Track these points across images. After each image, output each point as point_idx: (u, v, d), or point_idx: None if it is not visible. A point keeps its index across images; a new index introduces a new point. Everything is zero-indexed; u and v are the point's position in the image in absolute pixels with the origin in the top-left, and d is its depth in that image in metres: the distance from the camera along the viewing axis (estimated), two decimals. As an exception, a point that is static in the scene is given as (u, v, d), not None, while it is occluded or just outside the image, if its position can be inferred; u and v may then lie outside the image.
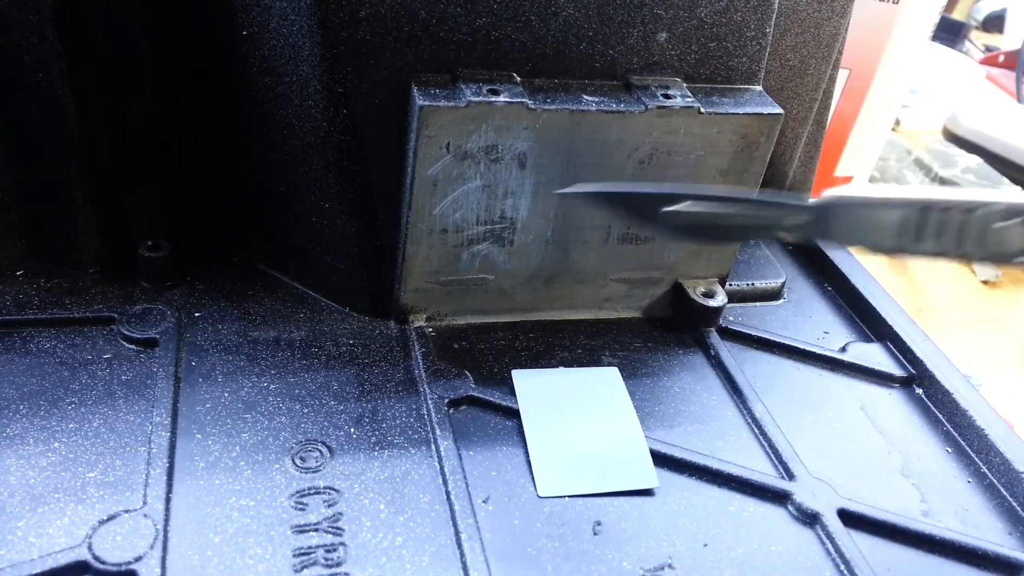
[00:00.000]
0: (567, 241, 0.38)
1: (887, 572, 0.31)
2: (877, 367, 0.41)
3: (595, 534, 0.31)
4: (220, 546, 0.28)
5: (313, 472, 0.31)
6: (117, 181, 0.39)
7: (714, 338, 0.41)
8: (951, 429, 0.38)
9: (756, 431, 0.36)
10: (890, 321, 0.43)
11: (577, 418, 0.35)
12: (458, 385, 0.36)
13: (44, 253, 0.39)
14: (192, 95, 0.39)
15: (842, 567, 0.31)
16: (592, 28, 0.35)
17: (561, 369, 0.38)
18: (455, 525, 0.30)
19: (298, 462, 0.32)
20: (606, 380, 0.37)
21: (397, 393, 0.35)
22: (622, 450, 0.34)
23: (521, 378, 0.36)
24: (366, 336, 0.38)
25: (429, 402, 0.35)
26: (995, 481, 0.36)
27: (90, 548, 0.27)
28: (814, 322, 0.44)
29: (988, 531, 0.34)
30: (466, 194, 0.36)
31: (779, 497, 0.33)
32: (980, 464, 0.37)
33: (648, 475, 0.33)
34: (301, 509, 0.30)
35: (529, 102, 0.34)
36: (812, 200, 0.29)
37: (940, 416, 0.39)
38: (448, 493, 0.31)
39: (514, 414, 0.35)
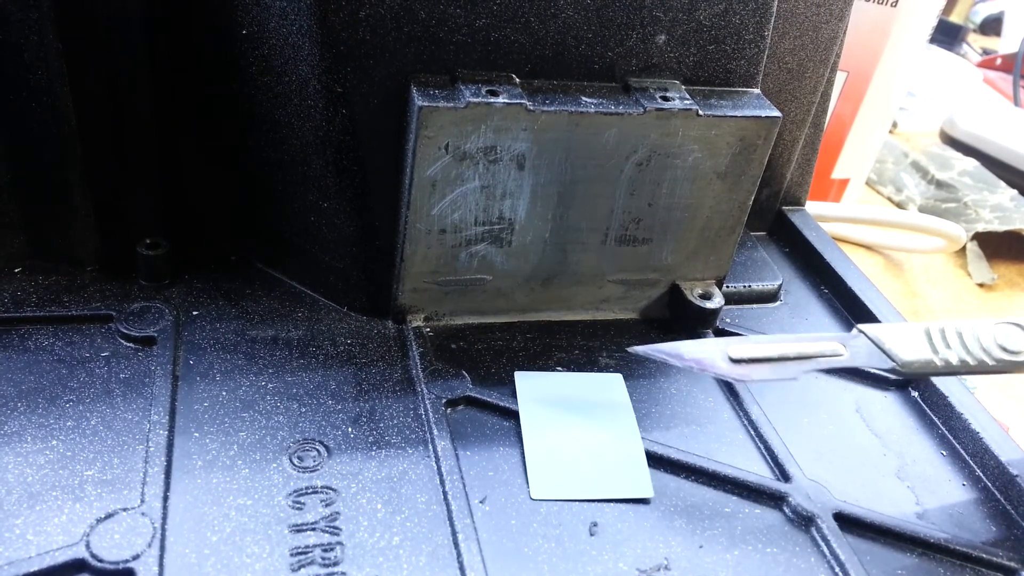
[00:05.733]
0: (565, 242, 0.39)
1: (882, 575, 0.31)
2: (873, 370, 0.41)
3: (591, 535, 0.31)
4: (217, 545, 0.28)
5: (311, 471, 0.31)
6: (116, 179, 0.39)
7: (711, 340, 0.41)
8: (946, 432, 0.39)
9: (752, 433, 0.36)
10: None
11: (577, 422, 0.35)
12: (456, 385, 0.36)
13: (42, 250, 0.39)
14: (191, 94, 0.39)
15: (837, 570, 0.31)
16: (591, 30, 0.35)
17: (564, 373, 0.38)
18: (452, 525, 0.30)
19: (296, 461, 0.32)
20: (609, 386, 0.37)
21: (395, 393, 0.35)
22: (620, 458, 0.34)
23: (523, 379, 0.36)
24: (364, 336, 0.38)
25: (427, 402, 0.35)
26: (990, 484, 0.36)
27: (88, 546, 0.27)
28: (810, 324, 0.44)
29: (983, 534, 0.34)
30: (464, 195, 0.36)
31: (775, 499, 0.34)
32: (975, 467, 0.37)
33: (644, 485, 0.33)
34: (298, 508, 0.30)
35: (528, 103, 0.34)
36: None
37: (935, 419, 0.39)
38: (445, 493, 0.31)
39: (512, 415, 0.35)
